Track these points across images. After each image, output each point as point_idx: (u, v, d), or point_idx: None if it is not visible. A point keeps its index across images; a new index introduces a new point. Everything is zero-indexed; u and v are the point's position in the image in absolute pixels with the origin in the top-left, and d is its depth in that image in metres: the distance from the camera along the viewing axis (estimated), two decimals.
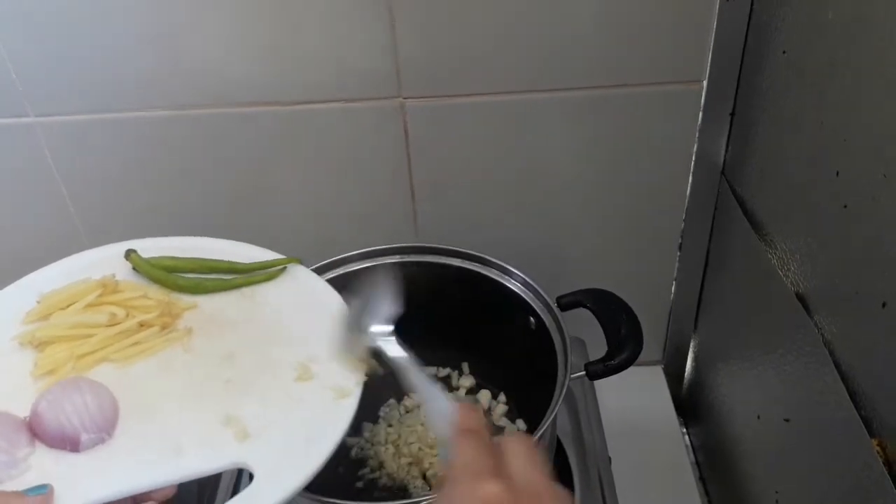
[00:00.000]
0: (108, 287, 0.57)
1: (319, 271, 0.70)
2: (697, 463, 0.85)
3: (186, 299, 0.60)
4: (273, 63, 0.70)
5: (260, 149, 0.75)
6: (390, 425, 0.74)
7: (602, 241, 0.81)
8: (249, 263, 0.63)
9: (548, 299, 0.64)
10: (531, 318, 0.65)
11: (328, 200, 0.79)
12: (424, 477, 0.69)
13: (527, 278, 0.67)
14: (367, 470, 0.71)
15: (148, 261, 0.61)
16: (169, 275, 0.60)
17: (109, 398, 0.50)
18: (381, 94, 0.71)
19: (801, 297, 0.57)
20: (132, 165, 0.77)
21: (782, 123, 0.61)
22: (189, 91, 0.72)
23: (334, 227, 0.80)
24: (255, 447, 0.48)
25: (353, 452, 0.72)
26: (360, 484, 0.70)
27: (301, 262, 0.64)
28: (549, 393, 0.56)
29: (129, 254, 0.61)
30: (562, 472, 0.70)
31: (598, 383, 0.78)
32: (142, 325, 0.56)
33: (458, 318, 0.71)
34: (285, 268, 0.62)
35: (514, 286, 0.67)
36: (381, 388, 0.76)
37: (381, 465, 0.71)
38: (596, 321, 0.64)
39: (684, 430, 0.88)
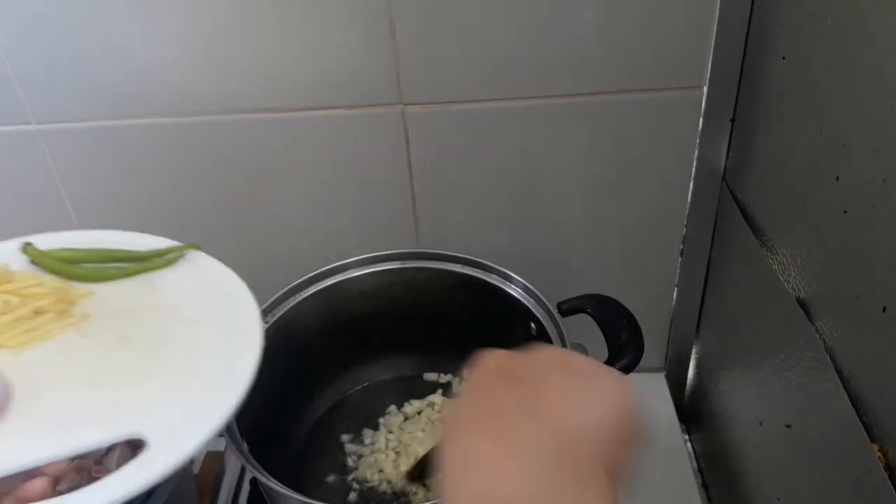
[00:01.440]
0: (2, 276, 0.59)
1: (320, 277, 0.70)
2: (700, 469, 0.85)
3: (82, 287, 0.61)
4: (274, 70, 0.70)
5: (261, 155, 0.76)
6: (391, 432, 0.74)
7: (603, 247, 0.81)
8: (146, 251, 0.65)
9: (549, 305, 0.64)
10: (532, 324, 0.65)
11: (329, 206, 0.79)
12: (424, 484, 0.69)
13: (528, 284, 0.67)
14: (366, 476, 0.71)
15: (45, 252, 0.63)
16: (66, 265, 0.62)
17: (2, 382, 0.51)
18: (382, 100, 0.71)
19: (802, 303, 0.57)
20: (134, 173, 0.77)
21: (782, 129, 0.61)
22: (190, 99, 0.72)
23: (335, 232, 0.80)
24: (148, 419, 0.49)
25: (351, 460, 0.72)
26: (359, 489, 0.70)
27: (199, 248, 0.66)
28: None
29: (26, 247, 0.63)
30: None
31: None
32: (37, 313, 0.57)
33: (458, 323, 0.71)
34: (184, 254, 0.65)
35: (515, 292, 0.67)
36: (381, 396, 0.77)
37: (380, 472, 0.71)
38: (596, 328, 0.64)
39: (686, 436, 0.88)
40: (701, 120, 0.71)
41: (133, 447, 0.49)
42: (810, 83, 0.55)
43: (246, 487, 0.69)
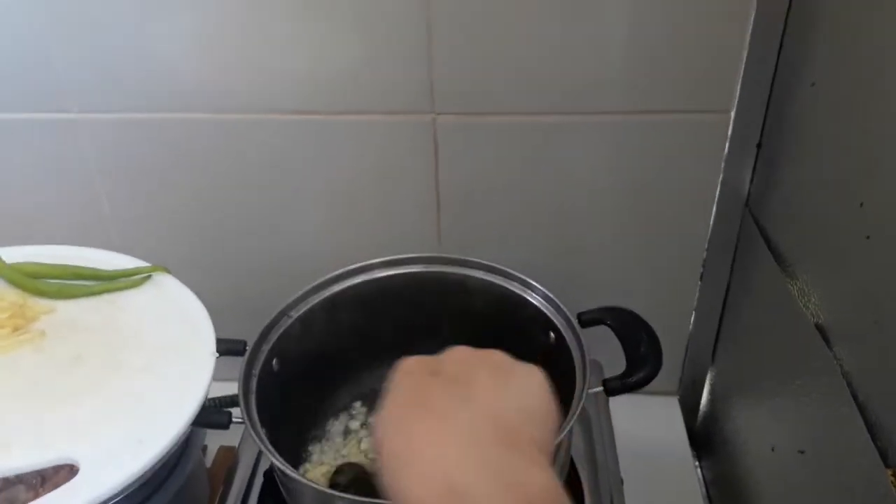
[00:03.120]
0: None
1: (342, 278, 0.71)
2: (709, 496, 0.84)
3: (44, 303, 0.62)
4: (309, 73, 0.72)
5: (290, 156, 0.77)
6: None
7: (623, 267, 0.82)
8: (113, 271, 0.65)
9: (569, 315, 0.65)
10: (551, 333, 0.65)
11: (355, 208, 0.80)
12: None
13: (548, 293, 0.67)
14: None
15: (11, 266, 0.63)
16: (30, 279, 0.63)
17: None
18: (415, 108, 0.72)
19: (820, 328, 0.57)
20: (170, 167, 0.79)
21: (808, 155, 0.62)
22: (226, 98, 0.74)
23: (359, 234, 0.81)
24: (86, 445, 0.49)
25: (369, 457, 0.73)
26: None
27: (168, 271, 0.66)
28: (565, 408, 0.56)
29: None
30: (573, 491, 0.69)
31: (613, 410, 0.78)
32: None
33: (477, 329, 0.72)
34: (150, 276, 0.65)
35: (535, 300, 0.68)
36: None
37: None
38: (613, 342, 0.64)
39: (697, 462, 0.87)
40: (727, 144, 0.72)
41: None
42: (839, 110, 0.56)
43: (259, 480, 0.69)
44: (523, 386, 0.38)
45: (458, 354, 0.41)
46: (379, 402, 0.38)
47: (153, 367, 0.57)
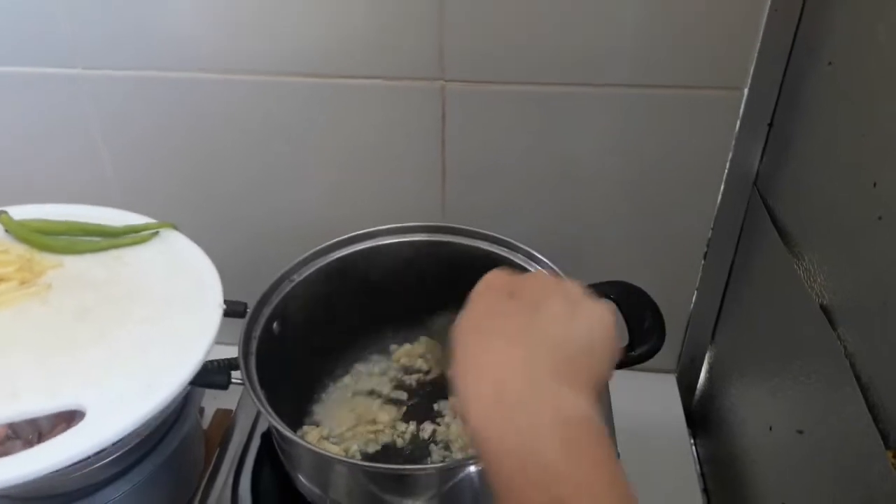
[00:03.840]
0: None
1: (346, 243, 0.71)
2: (702, 474, 0.85)
3: (52, 258, 0.62)
4: (319, 34, 0.71)
5: (297, 118, 0.76)
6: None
7: (626, 241, 0.81)
8: (120, 227, 0.65)
9: None
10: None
11: (361, 174, 0.79)
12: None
13: (552, 265, 0.67)
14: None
15: (19, 222, 0.64)
16: (38, 235, 0.63)
17: None
18: (424, 74, 0.72)
19: (825, 309, 0.57)
20: (173, 128, 0.78)
21: (821, 134, 0.61)
22: (237, 58, 0.73)
23: (364, 200, 0.81)
24: (92, 391, 0.50)
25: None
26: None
27: (176, 227, 0.66)
28: None
29: (1, 215, 0.64)
30: None
31: (611, 387, 0.78)
32: (0, 280, 0.58)
33: None
34: (157, 232, 0.65)
35: (539, 272, 0.68)
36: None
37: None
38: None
39: (692, 440, 0.88)
40: (738, 122, 0.71)
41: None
42: (855, 90, 0.55)
43: (256, 442, 0.69)
44: (588, 320, 0.42)
45: (538, 280, 0.45)
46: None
47: (160, 319, 0.57)
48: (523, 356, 0.39)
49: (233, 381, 0.60)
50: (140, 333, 0.56)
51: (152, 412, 0.49)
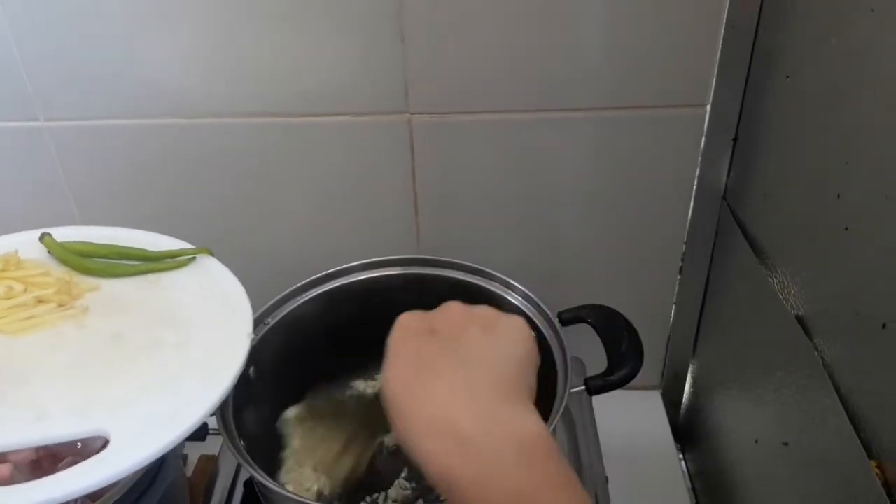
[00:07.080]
0: (11, 263, 0.61)
1: (322, 281, 0.70)
2: (694, 489, 0.84)
3: (90, 281, 0.63)
4: (283, 75, 0.71)
5: (267, 159, 0.76)
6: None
7: (602, 262, 0.82)
8: (159, 252, 0.66)
9: (549, 314, 0.64)
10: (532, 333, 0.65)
11: (332, 211, 0.79)
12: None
13: (528, 292, 0.67)
14: None
15: (61, 244, 0.64)
16: (78, 257, 0.64)
17: None
18: (390, 109, 0.72)
19: (801, 320, 0.57)
20: (140, 173, 0.78)
21: (784, 147, 0.62)
22: (198, 102, 0.73)
23: (337, 237, 0.80)
24: (117, 418, 0.50)
25: None
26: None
27: (211, 253, 0.66)
28: (547, 407, 0.56)
29: (44, 236, 0.65)
30: None
31: (596, 407, 0.78)
32: (39, 301, 0.59)
33: None
34: (194, 258, 0.66)
35: (515, 300, 0.67)
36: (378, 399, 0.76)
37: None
38: (595, 338, 0.64)
39: (681, 455, 0.88)
40: (703, 138, 0.72)
41: None
42: (814, 102, 0.56)
43: (239, 490, 0.68)
44: (510, 337, 0.44)
45: (451, 313, 0.45)
46: (382, 360, 0.42)
47: (190, 347, 0.57)
48: (464, 388, 0.39)
49: (210, 430, 0.59)
50: (169, 360, 0.56)
51: (178, 440, 0.49)
